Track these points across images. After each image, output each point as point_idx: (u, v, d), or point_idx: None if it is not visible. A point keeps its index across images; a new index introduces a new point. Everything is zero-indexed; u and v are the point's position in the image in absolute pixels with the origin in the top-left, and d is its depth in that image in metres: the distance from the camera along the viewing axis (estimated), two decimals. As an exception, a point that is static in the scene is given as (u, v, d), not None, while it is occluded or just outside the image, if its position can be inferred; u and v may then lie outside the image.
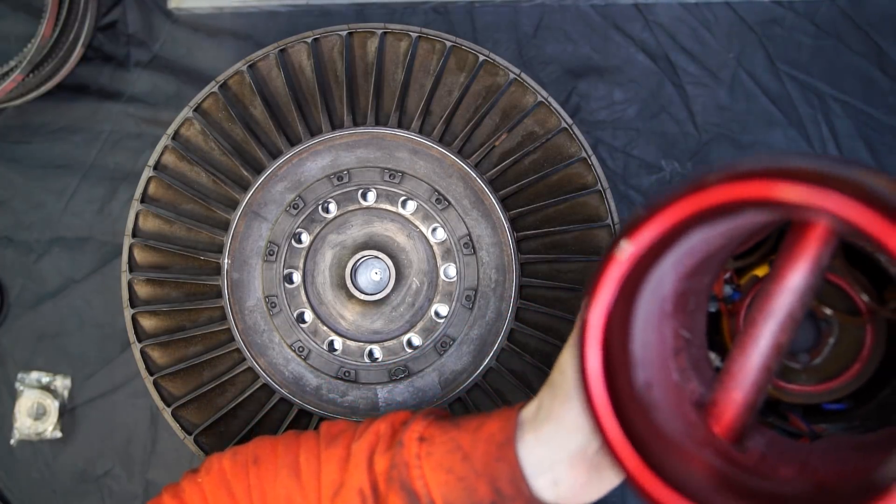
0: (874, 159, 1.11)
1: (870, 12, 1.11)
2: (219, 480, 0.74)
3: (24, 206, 1.16)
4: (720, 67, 1.12)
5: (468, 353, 0.94)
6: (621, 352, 0.51)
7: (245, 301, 0.96)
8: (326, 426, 0.75)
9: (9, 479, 1.14)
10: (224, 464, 0.75)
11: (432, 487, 0.63)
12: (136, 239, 0.96)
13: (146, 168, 0.96)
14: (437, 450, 0.65)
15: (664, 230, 0.45)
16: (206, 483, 0.74)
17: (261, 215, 0.96)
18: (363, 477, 0.67)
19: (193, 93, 0.98)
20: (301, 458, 0.71)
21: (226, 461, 0.75)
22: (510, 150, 0.96)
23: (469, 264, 0.95)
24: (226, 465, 0.75)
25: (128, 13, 1.16)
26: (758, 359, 0.51)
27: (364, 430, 0.71)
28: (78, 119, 1.17)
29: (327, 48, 0.97)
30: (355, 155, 0.96)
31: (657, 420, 0.52)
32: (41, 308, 1.15)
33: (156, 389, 0.94)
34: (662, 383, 0.54)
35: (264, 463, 0.73)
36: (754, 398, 0.51)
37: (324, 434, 0.73)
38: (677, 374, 0.57)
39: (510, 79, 0.95)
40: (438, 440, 0.66)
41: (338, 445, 0.70)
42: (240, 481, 0.73)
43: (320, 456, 0.70)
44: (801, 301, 0.49)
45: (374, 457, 0.67)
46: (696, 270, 0.56)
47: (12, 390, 1.13)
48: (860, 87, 1.11)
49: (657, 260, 0.50)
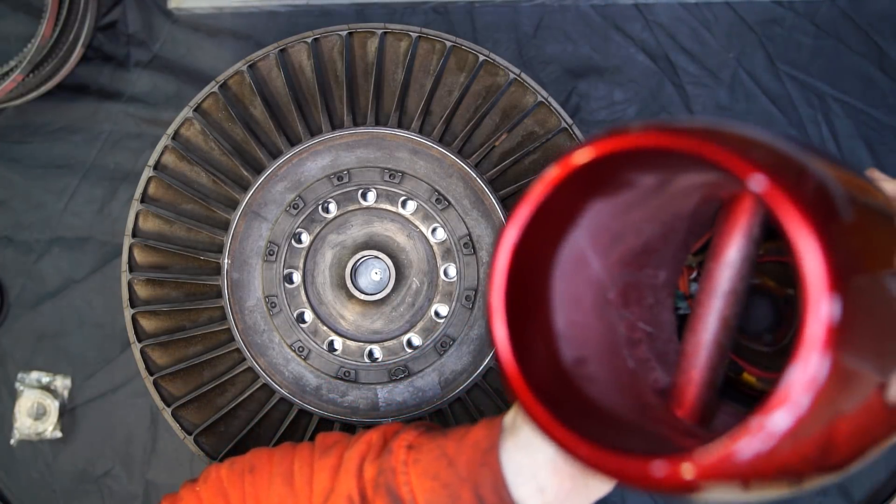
0: (874, 159, 1.11)
1: (870, 12, 1.11)
2: (216, 489, 0.76)
3: (24, 206, 1.16)
4: (720, 67, 1.12)
5: (468, 353, 0.94)
6: (539, 325, 0.53)
7: (245, 301, 0.96)
8: (322, 437, 0.76)
9: (9, 479, 1.14)
10: (221, 473, 0.76)
11: (417, 493, 0.64)
12: (136, 239, 0.96)
13: (146, 168, 0.96)
14: (424, 457, 0.66)
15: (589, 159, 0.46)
16: (204, 491, 0.76)
17: (261, 215, 0.96)
18: (352, 483, 0.67)
19: (193, 93, 0.98)
20: (295, 466, 0.72)
21: (223, 470, 0.77)
22: (510, 150, 0.96)
23: (469, 264, 0.95)
24: (223, 473, 0.76)
25: (128, 13, 1.16)
26: (708, 335, 0.52)
27: (356, 439, 0.72)
28: (78, 119, 1.17)
29: (327, 48, 0.97)
30: (355, 155, 0.96)
31: (592, 395, 0.53)
32: (41, 308, 1.15)
33: (156, 389, 0.94)
34: (605, 364, 0.56)
35: (259, 471, 0.74)
36: (711, 375, 0.53)
37: (318, 444, 0.74)
38: (633, 361, 0.59)
39: (510, 79, 0.95)
40: (426, 447, 0.66)
41: (331, 455, 0.71)
42: (236, 489, 0.74)
43: (314, 465, 0.72)
44: (739, 274, 0.51)
45: (364, 464, 0.68)
46: (636, 261, 0.58)
47: (12, 390, 1.13)
48: (860, 87, 1.11)
49: (566, 223, 0.52)
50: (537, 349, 0.52)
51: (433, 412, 0.94)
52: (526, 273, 0.50)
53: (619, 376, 0.57)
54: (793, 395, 0.38)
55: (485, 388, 0.94)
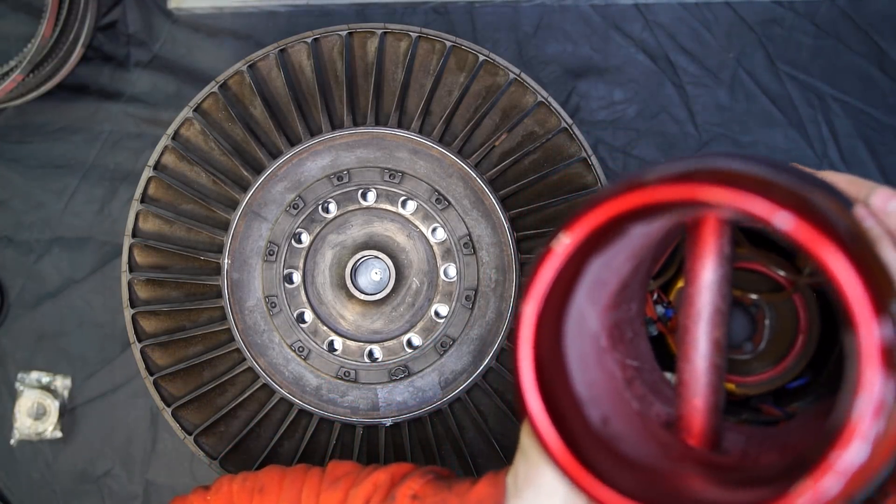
0: (874, 159, 1.11)
1: (870, 12, 1.11)
2: (225, 502, 0.77)
3: (24, 206, 1.16)
4: (720, 67, 1.12)
5: (468, 353, 0.94)
6: (564, 394, 0.52)
7: (245, 301, 0.96)
8: (332, 466, 0.77)
9: (9, 479, 1.14)
10: (233, 487, 0.78)
11: None
12: (136, 239, 0.96)
13: (146, 168, 0.96)
14: None
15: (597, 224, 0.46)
16: (214, 502, 0.77)
17: (261, 215, 0.96)
18: None
19: (193, 93, 0.98)
20: (303, 494, 0.74)
21: (235, 485, 0.78)
22: (510, 150, 0.96)
23: (469, 264, 0.95)
24: (234, 488, 0.78)
25: (128, 13, 1.16)
26: (703, 361, 0.52)
27: (365, 477, 0.73)
28: (78, 119, 1.17)
29: (327, 48, 0.97)
30: (355, 155, 0.96)
31: (625, 451, 0.52)
32: (41, 308, 1.15)
33: (156, 389, 0.94)
34: (622, 415, 0.55)
35: (268, 493, 0.75)
36: (714, 399, 0.52)
37: (328, 473, 0.75)
38: (636, 402, 0.58)
39: (510, 79, 0.95)
40: (429, 500, 0.67)
41: (337, 489, 0.72)
42: None
43: (320, 496, 0.73)
44: (719, 293, 0.50)
45: None
46: (616, 301, 0.58)
47: (12, 390, 1.13)
48: (860, 87, 1.11)
49: (572, 287, 0.51)
50: (571, 420, 0.51)
51: (433, 412, 0.94)
52: (544, 345, 0.50)
53: (633, 423, 0.56)
54: (865, 424, 0.38)
55: (485, 389, 0.94)
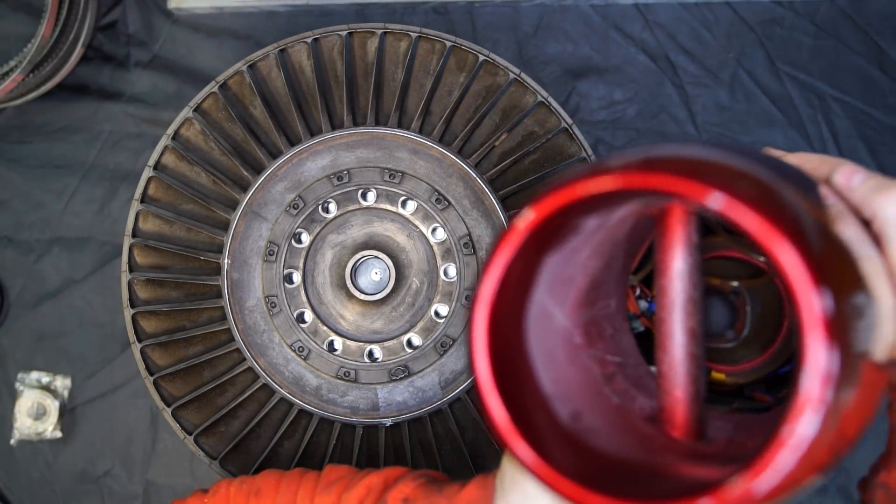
0: (874, 159, 1.11)
1: (870, 12, 1.11)
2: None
3: (24, 206, 1.16)
4: (720, 67, 1.12)
5: (468, 353, 0.94)
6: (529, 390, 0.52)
7: (245, 301, 0.96)
8: (328, 470, 0.78)
9: (9, 479, 1.14)
10: (231, 490, 0.79)
11: None
12: (136, 239, 0.96)
13: (146, 168, 0.96)
14: None
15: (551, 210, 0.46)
16: None
17: (261, 215, 0.96)
18: None
19: (193, 93, 0.98)
20: (298, 497, 0.74)
21: (233, 488, 0.79)
22: (510, 150, 0.96)
23: (469, 264, 0.95)
24: (232, 491, 0.78)
25: (128, 13, 1.16)
26: (680, 351, 0.52)
27: (358, 481, 0.73)
28: (78, 119, 1.17)
29: (327, 48, 0.97)
30: (355, 155, 0.96)
31: (599, 445, 0.53)
32: (41, 308, 1.15)
33: (156, 389, 0.94)
34: (597, 410, 0.56)
35: (264, 496, 0.76)
36: (695, 389, 0.52)
37: (323, 477, 0.76)
38: (617, 397, 0.59)
39: (510, 79, 0.95)
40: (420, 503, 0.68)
41: (331, 492, 0.73)
42: None
43: (315, 499, 0.73)
44: (691, 282, 0.51)
45: None
46: (588, 299, 0.58)
47: (12, 390, 1.13)
48: (860, 87, 1.11)
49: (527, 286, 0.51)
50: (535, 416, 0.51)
51: (433, 412, 0.94)
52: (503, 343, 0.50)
53: (611, 417, 0.57)
54: (812, 396, 0.38)
55: (485, 388, 0.94)
